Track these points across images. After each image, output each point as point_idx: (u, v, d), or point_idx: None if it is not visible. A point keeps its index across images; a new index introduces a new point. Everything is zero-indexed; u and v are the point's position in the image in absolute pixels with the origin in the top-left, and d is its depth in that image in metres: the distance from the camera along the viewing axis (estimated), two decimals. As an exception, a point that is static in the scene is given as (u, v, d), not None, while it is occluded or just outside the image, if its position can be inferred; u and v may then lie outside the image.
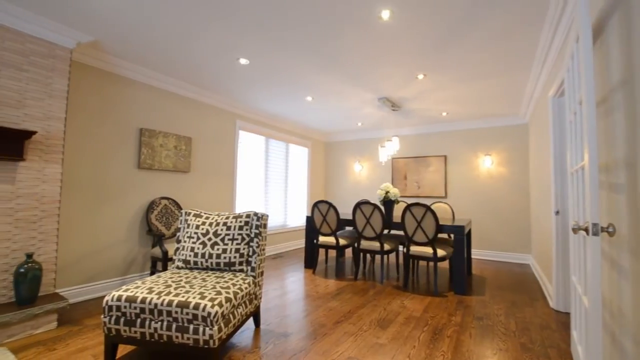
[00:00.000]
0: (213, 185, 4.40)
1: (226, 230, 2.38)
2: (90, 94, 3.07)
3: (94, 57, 3.06)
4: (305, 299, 3.14)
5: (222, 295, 1.88)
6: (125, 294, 1.86)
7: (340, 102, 4.61)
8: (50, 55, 2.53)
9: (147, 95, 3.57)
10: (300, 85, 3.92)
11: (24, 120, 2.38)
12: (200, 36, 2.73)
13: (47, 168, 2.49)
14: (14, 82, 2.34)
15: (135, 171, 3.43)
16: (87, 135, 3.04)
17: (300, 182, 6.47)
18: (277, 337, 2.30)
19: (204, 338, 1.73)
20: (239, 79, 3.72)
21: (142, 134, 3.46)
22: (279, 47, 2.90)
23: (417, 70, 3.38)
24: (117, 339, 1.85)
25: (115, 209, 3.25)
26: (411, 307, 2.95)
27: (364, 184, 6.65)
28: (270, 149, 5.62)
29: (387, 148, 4.77)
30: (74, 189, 2.94)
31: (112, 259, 3.22)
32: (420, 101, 4.46)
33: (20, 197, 2.35)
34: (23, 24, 2.38)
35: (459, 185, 5.60)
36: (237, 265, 2.33)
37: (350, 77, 3.60)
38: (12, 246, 2.32)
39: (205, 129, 4.30)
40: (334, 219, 4.03)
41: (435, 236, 3.36)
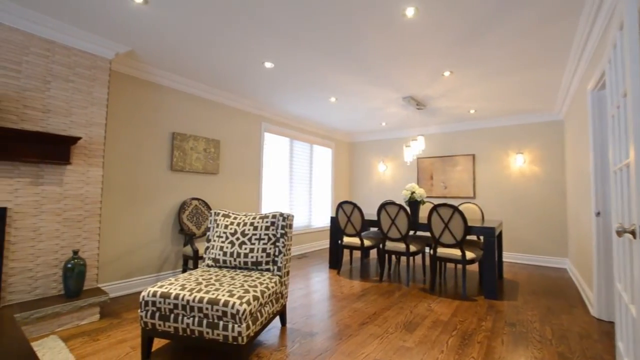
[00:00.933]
0: (240, 186, 4.53)
1: (253, 230, 2.44)
2: (126, 101, 3.26)
3: (130, 66, 3.25)
4: (330, 299, 3.16)
5: (250, 293, 1.93)
6: (160, 290, 1.96)
7: (364, 102, 4.59)
8: (93, 66, 2.73)
9: (179, 100, 3.74)
10: (323, 87, 3.95)
11: (70, 127, 2.58)
12: (227, 43, 2.82)
13: (90, 171, 2.69)
14: (62, 92, 2.54)
15: (168, 173, 3.61)
16: (124, 140, 3.24)
17: (325, 182, 6.50)
18: (303, 336, 2.33)
19: (233, 335, 1.79)
20: (264, 82, 3.80)
21: (174, 137, 3.64)
22: (302, 49, 2.94)
23: (443, 67, 3.29)
24: (152, 332, 1.95)
25: (150, 209, 3.43)
26: (438, 310, 2.88)
27: (388, 184, 6.57)
28: (294, 150, 5.69)
29: (412, 147, 4.69)
30: (113, 190, 3.14)
31: (147, 257, 3.40)
32: (446, 99, 4.34)
33: (67, 197, 2.55)
34: (70, 39, 2.58)
35: (489, 185, 5.39)
36: (263, 265, 2.38)
37: (374, 76, 3.57)
38: (61, 243, 2.52)
39: (233, 132, 4.43)
40: (359, 220, 4.01)
41: (463, 238, 3.26)
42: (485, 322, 2.64)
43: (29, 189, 2.36)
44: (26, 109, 2.37)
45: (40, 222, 2.41)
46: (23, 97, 2.35)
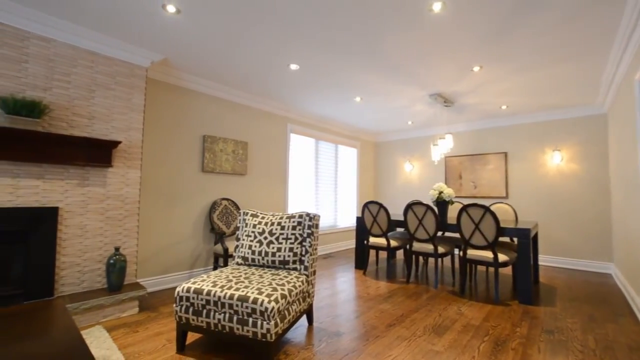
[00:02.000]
0: (267, 187, 4.63)
1: (280, 229, 2.49)
2: (161, 107, 3.44)
3: (164, 73, 3.43)
4: (357, 299, 3.16)
5: (277, 292, 1.97)
6: (194, 286, 2.05)
7: (389, 101, 4.53)
8: (131, 74, 2.91)
9: (209, 104, 3.90)
10: (348, 87, 3.95)
11: (111, 132, 2.77)
12: (254, 47, 2.90)
13: (129, 173, 2.87)
14: (104, 99, 2.74)
15: (199, 174, 3.77)
16: (159, 143, 3.42)
17: (350, 182, 6.48)
18: (330, 335, 2.35)
19: (262, 332, 1.84)
20: (290, 84, 3.86)
21: (204, 140, 3.79)
22: (327, 50, 2.96)
23: (473, 63, 3.18)
24: (186, 326, 2.05)
25: (183, 208, 3.60)
26: (469, 314, 2.79)
27: (415, 184, 6.44)
28: (319, 151, 5.73)
29: (440, 146, 4.57)
30: (150, 191, 3.33)
31: (181, 254, 3.57)
32: (476, 95, 4.19)
33: (109, 198, 2.74)
34: (111, 50, 2.77)
35: (523, 185, 5.13)
36: (290, 264, 2.43)
37: (400, 74, 3.52)
38: (104, 240, 2.71)
39: (260, 134, 4.54)
40: (385, 220, 3.97)
41: (495, 239, 3.14)
42: (520, 328, 2.52)
43: (76, 190, 2.57)
44: (74, 116, 2.57)
45: (86, 221, 2.62)
46: (72, 106, 2.56)
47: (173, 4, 2.26)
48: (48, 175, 2.43)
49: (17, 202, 2.30)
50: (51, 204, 2.44)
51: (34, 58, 2.39)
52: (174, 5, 2.28)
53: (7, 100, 2.18)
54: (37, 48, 2.41)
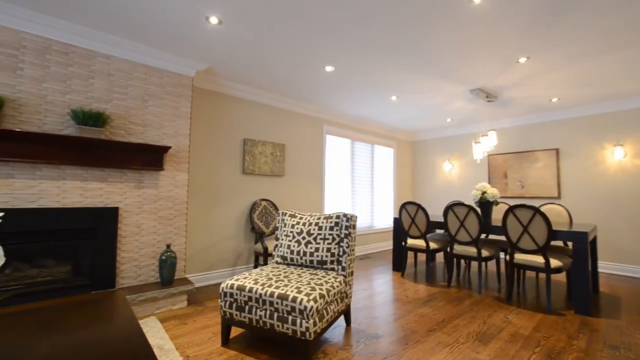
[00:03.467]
0: (304, 187, 4.72)
1: (318, 230, 2.53)
2: (205, 113, 3.66)
3: (208, 81, 3.64)
4: (395, 302, 3.11)
5: (316, 291, 2.01)
6: (237, 283, 2.16)
7: (427, 99, 4.40)
8: (179, 84, 3.13)
9: (248, 109, 4.06)
10: (384, 86, 3.90)
11: (162, 138, 3.01)
12: (290, 51, 2.98)
13: (178, 175, 3.09)
14: (156, 108, 2.98)
15: (240, 176, 3.95)
16: (204, 147, 3.63)
17: (386, 183, 6.39)
18: (368, 337, 2.34)
19: (301, 330, 1.89)
20: (325, 85, 3.91)
21: (245, 143, 3.97)
22: (363, 50, 2.95)
23: (518, 53, 2.99)
24: (230, 321, 2.16)
25: (226, 209, 3.80)
26: (517, 323, 2.63)
27: (455, 184, 6.17)
28: (355, 151, 5.71)
29: (483, 144, 4.34)
30: (196, 192, 3.55)
31: (224, 252, 3.77)
32: (522, 88, 3.92)
33: (161, 199, 2.98)
34: (161, 62, 3.01)
35: (577, 184, 4.70)
36: (328, 264, 2.46)
37: (438, 71, 3.41)
38: (157, 238, 2.95)
39: (296, 136, 4.64)
40: (424, 221, 3.86)
41: (547, 243, 2.92)
42: (577, 341, 2.32)
43: (133, 192, 2.82)
44: (131, 125, 2.83)
45: (141, 220, 2.86)
46: (129, 115, 2.82)
47: (215, 15, 2.40)
48: (110, 179, 2.70)
49: (86, 203, 2.58)
50: (113, 204, 2.71)
51: (98, 74, 2.68)
52: (217, 17, 2.42)
53: (77, 113, 2.46)
54: (100, 65, 2.69)
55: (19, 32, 2.35)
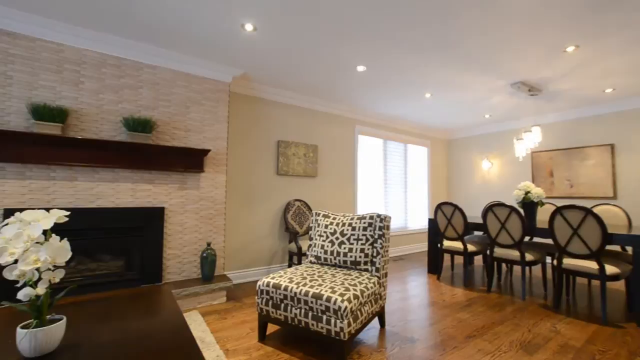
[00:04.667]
0: (336, 188, 4.74)
1: (351, 230, 2.54)
2: (241, 116, 3.81)
3: (243, 86, 3.78)
4: (431, 306, 3.03)
5: (350, 291, 2.02)
6: (272, 281, 2.22)
7: (463, 95, 4.23)
8: (217, 90, 3.29)
9: (282, 111, 4.17)
10: (417, 83, 3.81)
11: (203, 142, 3.18)
12: (322, 53, 3.02)
13: (217, 177, 3.25)
14: (197, 114, 3.16)
15: (274, 177, 4.06)
16: (240, 149, 3.78)
17: (421, 183, 6.22)
18: (403, 341, 2.31)
19: (335, 330, 1.90)
20: (357, 86, 3.90)
21: (279, 145, 4.08)
22: (395, 47, 2.91)
23: (565, 42, 2.77)
24: (267, 318, 2.22)
25: (261, 209, 3.92)
26: (567, 333, 2.45)
27: (494, 183, 5.86)
28: (388, 151, 5.63)
29: (526, 140, 4.08)
30: (233, 193, 3.71)
31: (259, 251, 3.90)
32: (570, 79, 3.64)
33: (202, 199, 3.15)
34: (200, 70, 3.18)
35: (637, 183, 4.26)
36: (362, 265, 2.46)
37: (475, 65, 3.27)
38: (198, 236, 3.13)
39: (329, 137, 4.68)
40: (461, 222, 3.72)
41: (601, 248, 2.68)
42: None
43: (177, 193, 3.01)
44: (174, 130, 3.03)
45: (184, 219, 3.05)
46: (172, 121, 3.02)
47: (250, 22, 2.49)
48: (156, 181, 2.91)
49: (136, 203, 2.80)
50: (159, 204, 2.91)
51: (145, 83, 2.89)
52: (251, 24, 2.51)
53: (128, 120, 2.68)
54: (147, 75, 2.91)
55: (81, 49, 2.61)
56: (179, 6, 2.28)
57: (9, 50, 2.36)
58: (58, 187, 2.49)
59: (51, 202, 2.45)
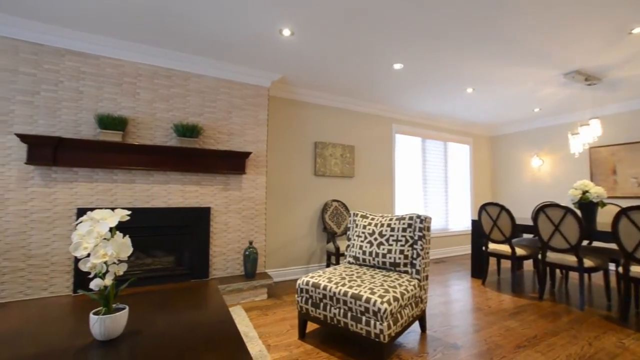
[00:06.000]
0: (374, 188, 4.70)
1: (390, 231, 2.51)
2: (279, 119, 3.92)
3: (281, 90, 3.90)
4: (475, 311, 2.89)
5: (390, 293, 1.99)
6: (312, 280, 2.27)
7: (509, 88, 3.97)
8: (257, 95, 3.43)
9: (319, 113, 4.23)
10: (458, 78, 3.65)
11: (244, 145, 3.34)
12: (359, 53, 3.01)
13: (258, 178, 3.39)
14: (239, 118, 3.32)
15: (312, 178, 4.13)
16: (279, 151, 3.90)
17: (462, 182, 5.95)
18: (446, 347, 2.23)
19: (375, 331, 1.89)
20: (394, 84, 3.83)
21: (316, 146, 4.15)
22: (433, 43, 2.83)
23: (630, 23, 2.49)
24: (306, 316, 2.27)
25: (300, 209, 4.01)
26: (637, 350, 2.20)
27: (545, 182, 5.43)
28: (427, 150, 5.46)
29: (582, 135, 3.73)
30: (273, 194, 3.84)
31: (298, 250, 3.99)
32: (635, 65, 3.26)
33: (244, 200, 3.31)
34: (242, 76, 3.34)
35: None
36: (401, 267, 2.41)
37: (522, 56, 3.06)
38: (241, 235, 3.28)
39: (365, 137, 4.65)
40: (508, 224, 3.50)
41: (678, 256, 2.38)
42: None
43: (221, 194, 3.19)
44: (218, 134, 3.21)
45: (228, 219, 3.22)
46: (217, 126, 3.20)
47: (288, 27, 2.56)
48: (203, 182, 3.10)
49: (185, 203, 3.02)
50: (206, 204, 3.11)
51: (192, 92, 3.10)
52: (289, 29, 2.58)
53: (178, 126, 2.89)
54: (194, 84, 3.11)
55: (137, 63, 2.87)
56: (222, 18, 2.42)
57: (80, 68, 2.67)
58: (119, 189, 2.76)
59: (114, 202, 2.72)
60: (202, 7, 2.29)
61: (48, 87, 2.56)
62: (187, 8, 2.30)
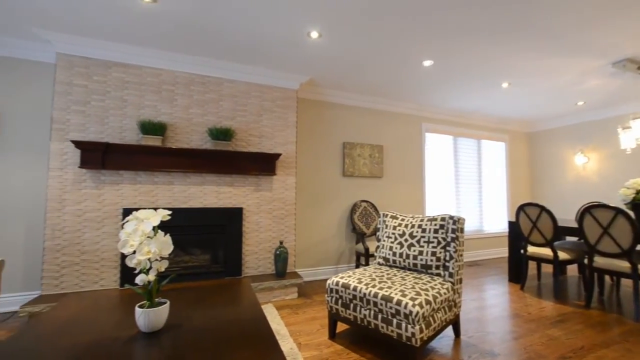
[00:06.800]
0: (403, 188, 4.62)
1: (421, 232, 2.45)
2: (308, 120, 3.97)
3: (309, 91, 3.94)
4: (513, 318, 2.75)
5: (421, 296, 1.95)
6: (342, 280, 2.27)
7: (548, 80, 3.73)
8: (286, 97, 3.50)
9: (346, 113, 4.23)
10: (492, 73, 3.49)
11: (275, 147, 3.42)
12: (386, 52, 2.98)
13: (288, 179, 3.46)
14: (269, 121, 3.41)
15: (341, 178, 4.15)
16: (308, 152, 3.95)
17: (498, 182, 5.67)
18: (482, 353, 2.14)
19: (407, 335, 1.86)
20: (423, 81, 3.74)
21: (344, 147, 4.15)
22: (465, 37, 2.73)
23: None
24: (336, 316, 2.28)
25: (329, 209, 4.04)
26: (701, 365, 1.99)
27: (592, 181, 5.03)
28: (459, 148, 5.27)
29: (635, 129, 3.43)
30: (302, 194, 3.89)
31: (327, 251, 4.01)
32: None
33: (275, 200, 3.39)
34: (271, 80, 3.42)
35: None
36: (433, 269, 2.36)
37: (564, 45, 2.87)
38: (272, 235, 3.37)
39: (394, 136, 4.59)
40: (549, 226, 3.29)
41: None
42: None
43: (253, 194, 3.29)
44: (250, 137, 3.31)
45: (260, 219, 3.31)
46: (248, 128, 3.31)
47: (316, 30, 2.59)
48: (236, 183, 3.22)
49: (219, 204, 3.15)
50: (238, 205, 3.22)
51: (225, 97, 3.23)
52: (317, 31, 2.61)
53: (212, 130, 3.03)
54: (227, 89, 3.24)
55: (174, 72, 3.05)
56: (253, 25, 2.50)
57: (124, 79, 2.88)
58: (160, 190, 2.94)
59: (155, 203, 2.91)
60: (235, 17, 2.39)
61: (97, 96, 2.79)
62: (221, 18, 2.41)
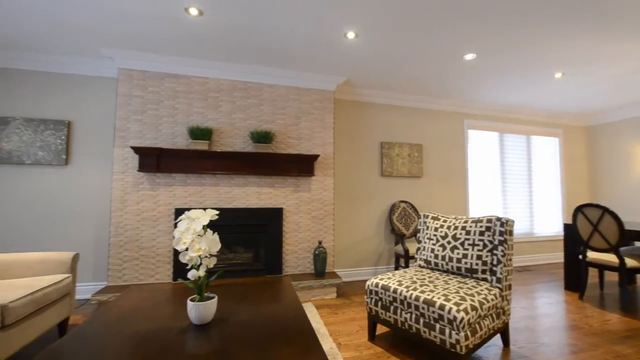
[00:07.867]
0: (444, 188, 4.45)
1: (465, 234, 2.35)
2: (345, 121, 3.99)
3: (345, 92, 3.95)
4: (571, 330, 2.53)
5: (466, 301, 1.87)
6: (381, 282, 2.25)
7: (608, 69, 3.37)
8: (323, 99, 3.55)
9: (384, 113, 4.18)
10: (542, 62, 3.23)
11: (313, 148, 3.49)
12: (425, 47, 2.90)
13: (326, 180, 3.51)
14: (307, 122, 3.48)
15: (379, 178, 4.10)
16: (345, 153, 3.96)
17: (551, 181, 5.23)
18: (535, 364, 2.00)
19: (451, 341, 1.79)
20: (465, 76, 3.58)
21: (382, 146, 4.10)
22: (511, 26, 2.56)
23: None
24: (376, 318, 2.26)
25: (367, 210, 4.02)
26: None
27: (669, 180, 4.45)
28: (505, 146, 4.95)
29: None
30: (340, 195, 3.92)
31: (366, 251, 3.99)
32: None
33: (313, 201, 3.45)
34: (309, 82, 3.49)
35: None
36: (479, 273, 2.24)
37: (627, 28, 2.57)
38: (311, 235, 3.43)
39: (434, 134, 4.44)
40: (614, 230, 2.97)
41: None
42: None
43: (292, 195, 3.38)
44: (288, 139, 3.41)
45: (299, 219, 3.39)
46: (287, 131, 3.41)
47: (352, 30, 2.60)
48: (276, 185, 3.33)
49: (261, 204, 3.28)
50: (278, 205, 3.33)
51: (265, 101, 3.36)
52: (353, 32, 2.61)
53: (254, 134, 3.17)
54: (267, 94, 3.37)
55: (219, 79, 3.24)
56: (291, 30, 2.57)
57: (175, 88, 3.12)
58: (207, 192, 3.14)
59: (203, 203, 3.11)
60: (274, 23, 2.48)
61: (152, 106, 3.05)
62: (261, 26, 2.51)
